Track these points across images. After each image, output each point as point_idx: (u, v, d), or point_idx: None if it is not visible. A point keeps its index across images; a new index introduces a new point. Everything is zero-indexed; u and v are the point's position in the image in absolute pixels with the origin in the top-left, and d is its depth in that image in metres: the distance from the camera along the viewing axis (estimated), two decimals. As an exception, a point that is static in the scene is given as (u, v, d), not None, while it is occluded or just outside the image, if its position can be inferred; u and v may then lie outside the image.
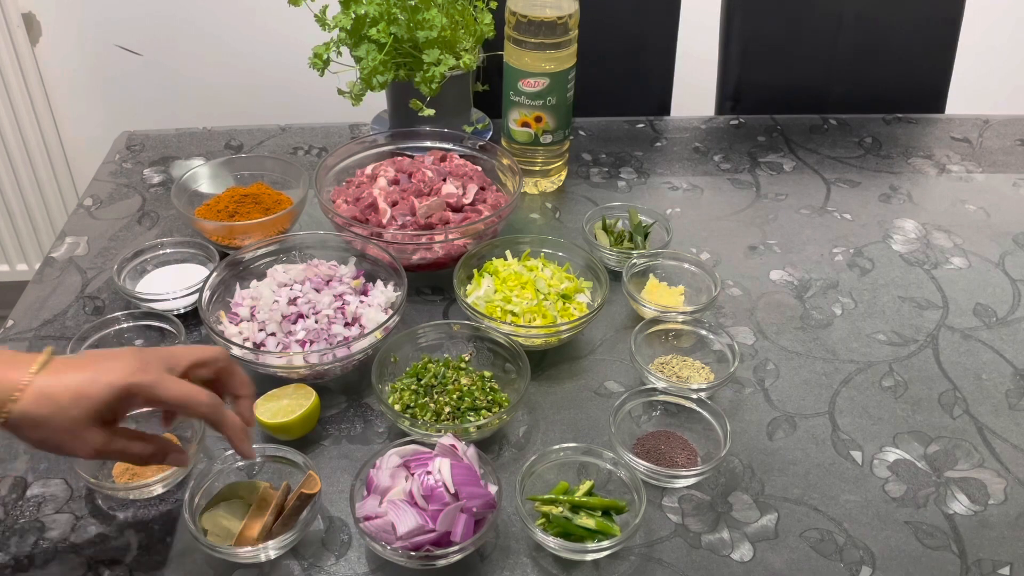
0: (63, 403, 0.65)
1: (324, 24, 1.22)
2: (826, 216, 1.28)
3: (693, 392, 0.93)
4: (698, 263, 1.10)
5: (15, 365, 0.65)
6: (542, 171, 1.29)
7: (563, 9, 1.15)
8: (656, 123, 1.49)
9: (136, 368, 0.67)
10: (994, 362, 1.04)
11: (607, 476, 0.86)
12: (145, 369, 0.67)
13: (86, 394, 0.65)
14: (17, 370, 0.65)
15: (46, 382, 0.65)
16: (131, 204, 1.26)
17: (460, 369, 0.95)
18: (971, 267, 1.19)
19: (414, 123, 1.26)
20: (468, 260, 1.06)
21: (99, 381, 0.66)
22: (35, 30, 1.93)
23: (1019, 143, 1.48)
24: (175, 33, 1.94)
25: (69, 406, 0.65)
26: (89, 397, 0.65)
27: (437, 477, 0.77)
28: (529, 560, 0.80)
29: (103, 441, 0.68)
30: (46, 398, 0.64)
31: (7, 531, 0.82)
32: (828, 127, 1.50)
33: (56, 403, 0.65)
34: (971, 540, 0.84)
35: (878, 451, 0.93)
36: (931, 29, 1.58)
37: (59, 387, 0.65)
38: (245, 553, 0.77)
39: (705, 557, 0.81)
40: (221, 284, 1.01)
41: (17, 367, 0.65)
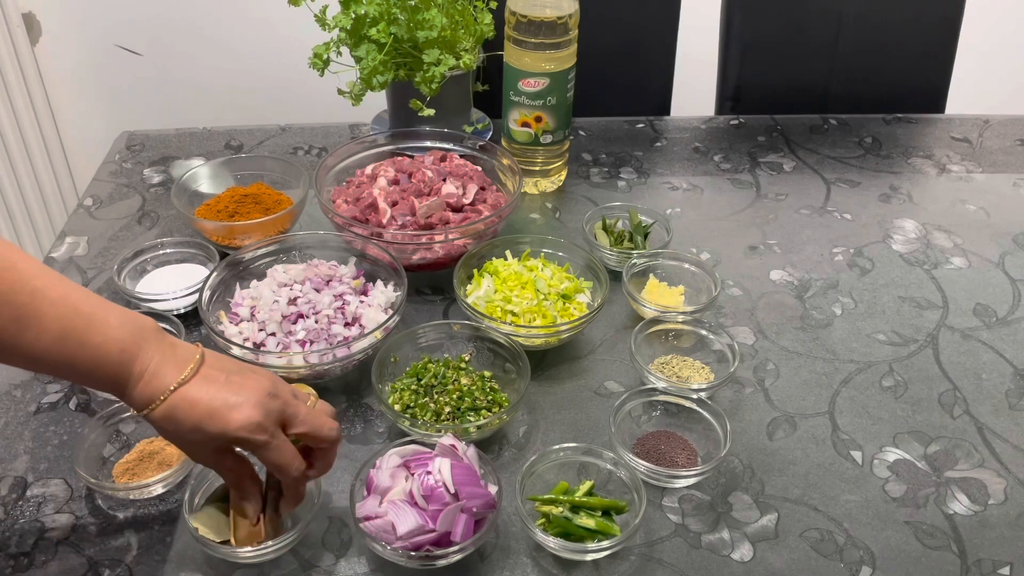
0: (185, 427, 0.70)
1: (324, 24, 1.22)
2: (826, 216, 1.28)
3: (693, 392, 0.93)
4: (698, 263, 1.10)
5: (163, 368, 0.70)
6: (542, 171, 1.29)
7: (563, 9, 1.15)
8: (656, 123, 1.49)
9: (255, 423, 0.70)
10: (994, 362, 1.04)
11: (607, 476, 0.86)
12: (262, 427, 0.71)
13: (203, 428, 0.70)
14: (163, 377, 0.70)
15: (179, 401, 0.70)
16: (131, 204, 1.26)
17: (460, 369, 0.95)
18: (971, 267, 1.19)
19: (414, 123, 1.26)
20: (468, 260, 1.06)
21: (218, 421, 0.70)
22: (35, 30, 1.93)
23: (1019, 143, 1.48)
24: (175, 33, 1.94)
25: (188, 432, 0.70)
26: (205, 432, 0.70)
27: (437, 477, 0.77)
28: (529, 560, 0.80)
29: (213, 460, 0.75)
30: (173, 419, 0.70)
31: (7, 531, 0.82)
32: (828, 127, 1.50)
33: (179, 425, 0.70)
34: (971, 540, 0.84)
35: (878, 451, 0.93)
36: (931, 29, 1.58)
37: (186, 411, 0.70)
38: (245, 553, 0.77)
39: (705, 557, 0.81)
40: (221, 284, 1.01)
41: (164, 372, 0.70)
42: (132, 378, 0.69)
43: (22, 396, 0.95)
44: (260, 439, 0.71)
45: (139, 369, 0.69)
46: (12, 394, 0.95)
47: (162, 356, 0.70)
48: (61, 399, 0.95)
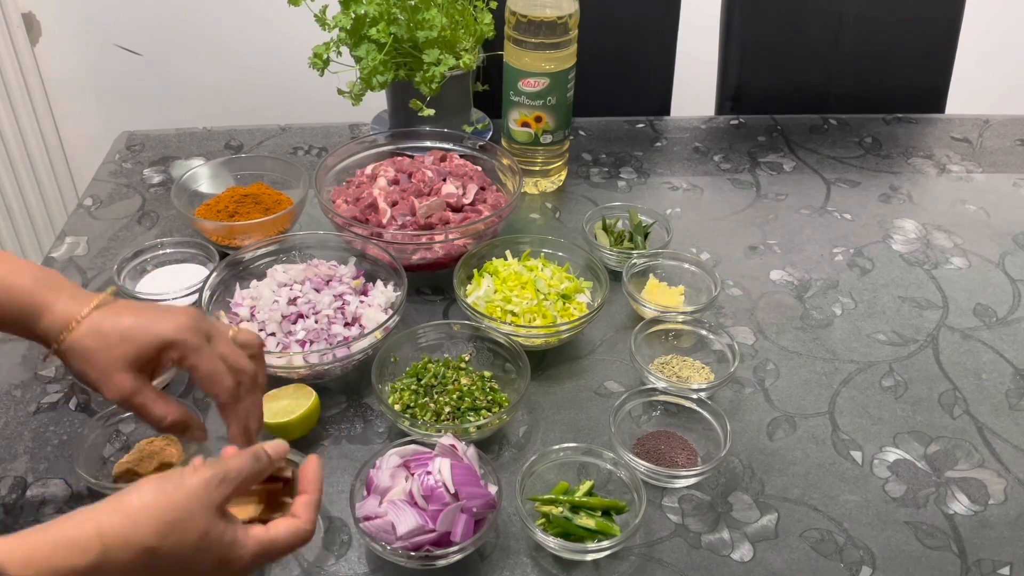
0: (111, 342, 0.69)
1: (324, 24, 1.22)
2: (826, 216, 1.28)
3: (693, 392, 0.93)
4: (698, 263, 1.10)
5: (79, 299, 0.70)
6: (542, 171, 1.29)
7: (563, 9, 1.15)
8: (656, 123, 1.49)
9: (185, 326, 0.70)
10: (994, 362, 1.04)
11: (607, 476, 0.86)
12: (194, 331, 0.70)
13: (132, 338, 0.69)
14: (79, 304, 0.70)
15: (101, 319, 0.69)
16: (131, 204, 1.26)
17: (460, 369, 0.95)
18: (971, 267, 1.19)
19: (414, 123, 1.26)
20: (468, 260, 1.06)
21: (148, 329, 0.69)
22: (35, 30, 1.93)
23: (1019, 143, 1.48)
24: (175, 33, 1.94)
25: (113, 345, 0.69)
26: (133, 341, 0.69)
27: (437, 477, 0.77)
28: (529, 560, 0.80)
29: (132, 388, 0.70)
30: (97, 334, 0.69)
31: (7, 531, 0.81)
32: (828, 127, 1.50)
33: (104, 340, 0.69)
34: (971, 540, 0.84)
35: (878, 451, 0.93)
36: (931, 29, 1.58)
37: (111, 326, 0.69)
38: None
39: (705, 557, 0.81)
40: (221, 284, 1.01)
41: (80, 301, 0.70)
42: (47, 305, 0.69)
43: (22, 396, 0.95)
44: (192, 341, 0.70)
45: (53, 297, 0.70)
46: (12, 394, 0.95)
47: (75, 290, 0.71)
48: (61, 399, 0.95)
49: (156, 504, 0.59)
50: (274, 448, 0.68)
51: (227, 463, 0.64)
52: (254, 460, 0.65)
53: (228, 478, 0.63)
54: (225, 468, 0.63)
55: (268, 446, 0.68)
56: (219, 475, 0.62)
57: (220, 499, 0.62)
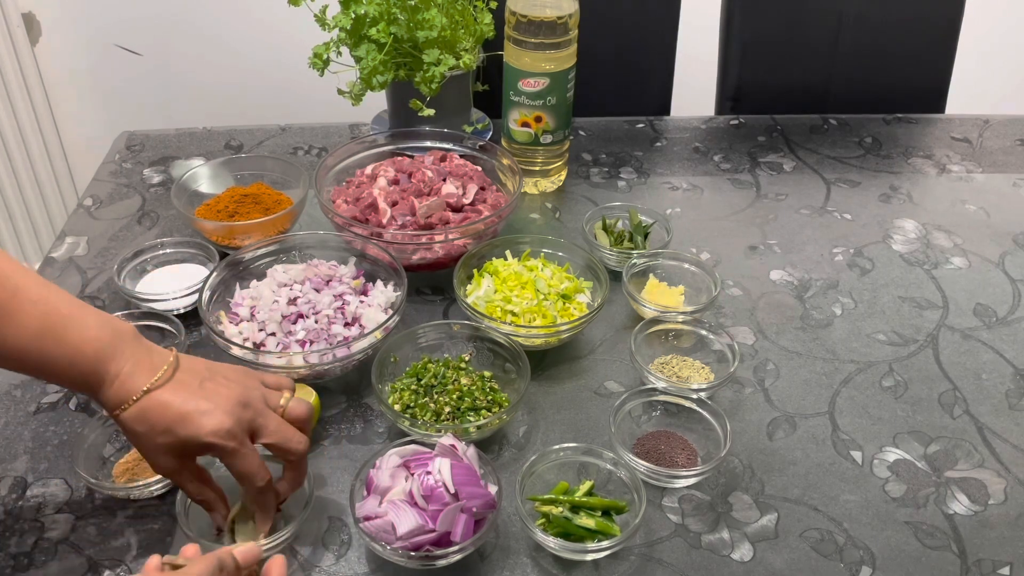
0: (156, 430, 0.71)
1: (324, 24, 1.22)
2: (826, 216, 1.28)
3: (693, 392, 0.93)
4: (698, 263, 1.10)
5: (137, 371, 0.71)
6: (542, 171, 1.29)
7: (563, 9, 1.15)
8: (656, 123, 1.49)
9: (225, 431, 0.71)
10: (994, 362, 1.04)
11: (607, 476, 0.86)
12: (232, 434, 0.72)
13: (173, 431, 0.71)
14: (136, 379, 0.71)
15: (151, 404, 0.71)
16: (131, 204, 1.26)
17: (460, 369, 0.95)
18: (971, 267, 1.19)
19: (414, 123, 1.26)
20: (468, 260, 1.06)
21: (189, 425, 0.71)
22: (35, 30, 1.93)
23: (1019, 143, 1.48)
24: (175, 33, 1.94)
25: (158, 434, 0.71)
26: (173, 434, 0.71)
27: (437, 477, 0.77)
28: (529, 560, 0.80)
29: (172, 469, 0.74)
30: (144, 420, 0.71)
31: (7, 531, 0.82)
32: (828, 127, 1.50)
33: (150, 427, 0.71)
34: (971, 540, 0.84)
35: (878, 451, 0.93)
36: (931, 29, 1.58)
37: (158, 413, 0.71)
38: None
39: (705, 557, 0.81)
40: (221, 284, 1.01)
41: (137, 375, 0.71)
42: (107, 378, 0.70)
43: (22, 396, 0.95)
44: (229, 446, 0.72)
45: (114, 370, 0.70)
46: (12, 394, 0.95)
47: (137, 359, 0.71)
48: (61, 399, 0.95)
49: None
50: (243, 554, 0.68)
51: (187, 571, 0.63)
52: (216, 569, 0.64)
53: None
54: None
55: (238, 552, 0.67)
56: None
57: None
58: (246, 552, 0.68)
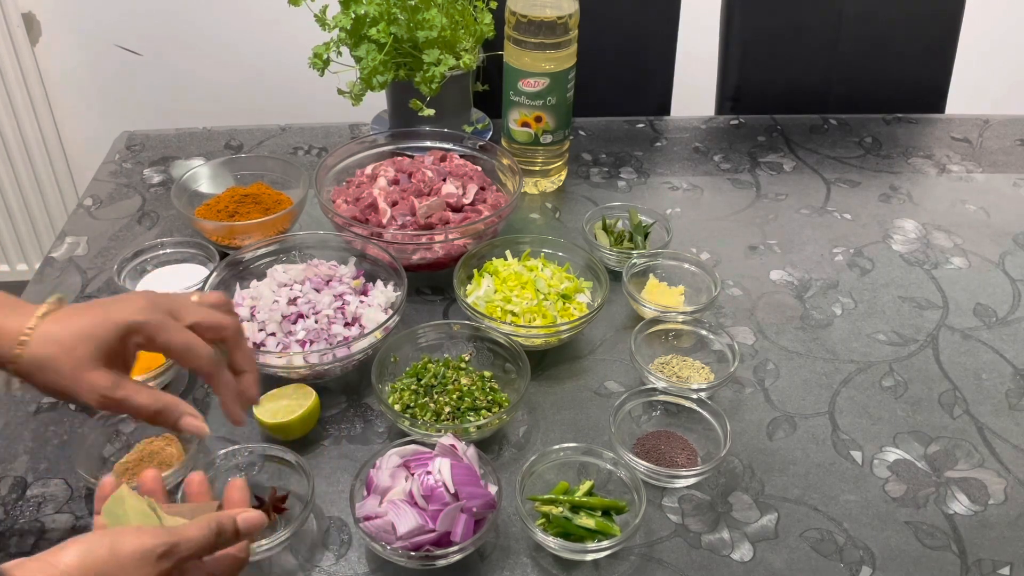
0: (69, 344, 0.64)
1: (324, 24, 1.22)
2: (826, 216, 1.28)
3: (693, 392, 0.93)
4: (698, 263, 1.10)
5: (21, 312, 0.66)
6: (542, 171, 1.29)
7: (563, 9, 1.15)
8: (656, 123, 1.49)
9: (143, 307, 0.66)
10: (994, 362, 1.04)
11: (607, 476, 0.86)
12: (153, 310, 0.66)
13: (91, 333, 0.65)
14: (24, 316, 0.65)
15: (52, 325, 0.65)
16: (131, 204, 1.26)
17: (460, 369, 0.95)
18: (971, 267, 1.19)
19: (414, 123, 1.26)
20: (468, 260, 1.06)
21: (106, 320, 0.65)
22: (35, 30, 1.93)
23: (1019, 143, 1.48)
24: (175, 33, 1.94)
25: (75, 345, 0.64)
26: (94, 336, 0.65)
27: (437, 477, 0.77)
28: (529, 560, 0.80)
29: (109, 384, 0.65)
30: (52, 340, 0.64)
31: (7, 531, 0.82)
32: (828, 127, 1.50)
33: (62, 344, 0.64)
34: (971, 540, 0.84)
35: (878, 451, 0.93)
36: (931, 29, 1.58)
37: (64, 329, 0.65)
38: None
39: (705, 557, 0.81)
40: (221, 284, 1.01)
41: (24, 314, 0.66)
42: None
43: (22, 396, 0.95)
44: (155, 318, 0.66)
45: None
46: (12, 394, 0.95)
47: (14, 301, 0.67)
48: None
49: (81, 569, 0.53)
50: (247, 521, 0.62)
51: (180, 532, 0.58)
52: (215, 535, 0.59)
53: (175, 551, 0.56)
54: (176, 539, 0.57)
55: (242, 519, 0.62)
56: (164, 546, 0.56)
57: (158, 574, 0.55)
58: (249, 520, 0.62)
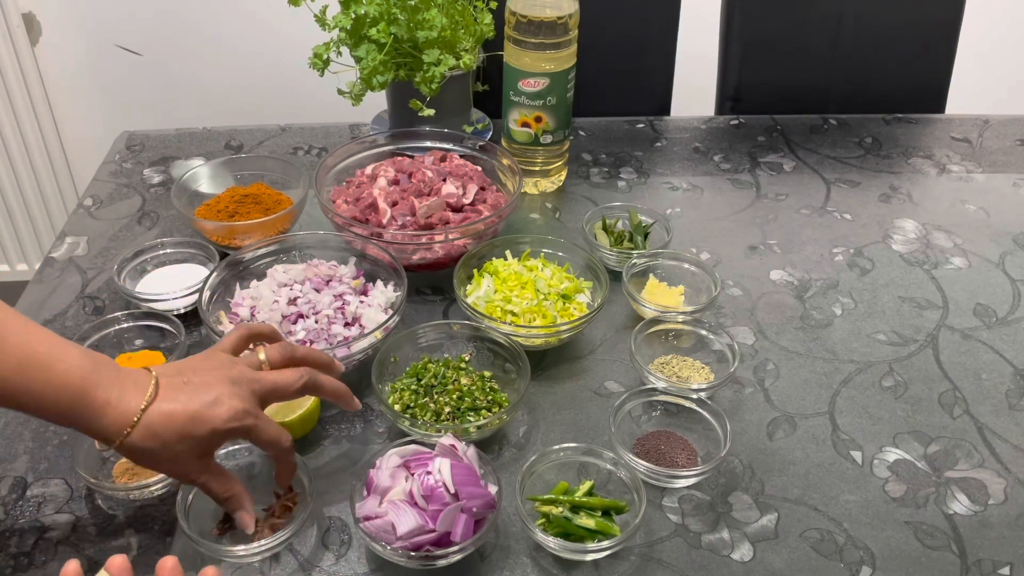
0: (168, 440, 0.70)
1: (324, 24, 1.22)
2: (826, 216, 1.28)
3: (693, 392, 0.93)
4: (698, 263, 1.10)
5: (126, 394, 0.70)
6: (542, 171, 1.29)
7: (563, 9, 1.15)
8: (656, 123, 1.49)
9: (239, 411, 0.72)
10: (994, 362, 1.04)
11: (607, 476, 0.86)
12: (246, 412, 0.73)
13: (190, 434, 0.71)
14: (128, 402, 0.70)
15: (154, 418, 0.70)
16: (131, 204, 1.26)
17: (460, 369, 0.95)
18: (971, 267, 1.19)
19: (414, 123, 1.26)
20: (468, 260, 1.06)
21: (204, 423, 0.71)
22: (35, 30, 1.93)
23: (1019, 143, 1.48)
24: (175, 33, 1.94)
25: (174, 443, 0.71)
26: (192, 437, 0.71)
27: (437, 477, 0.77)
28: (529, 560, 0.80)
29: (197, 471, 0.74)
30: (154, 436, 0.70)
31: (7, 531, 0.82)
32: (828, 127, 1.50)
33: (162, 441, 0.70)
34: (971, 540, 0.84)
35: (878, 451, 0.93)
36: (931, 29, 1.58)
37: (165, 425, 0.70)
38: (240, 551, 0.77)
39: (705, 557, 0.81)
40: (221, 284, 1.01)
41: (128, 397, 0.70)
42: (96, 406, 0.69)
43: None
44: (249, 422, 0.73)
45: (103, 397, 0.69)
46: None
47: (122, 384, 0.71)
48: (61, 399, 0.95)
49: None
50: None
51: None
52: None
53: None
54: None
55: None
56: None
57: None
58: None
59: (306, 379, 0.78)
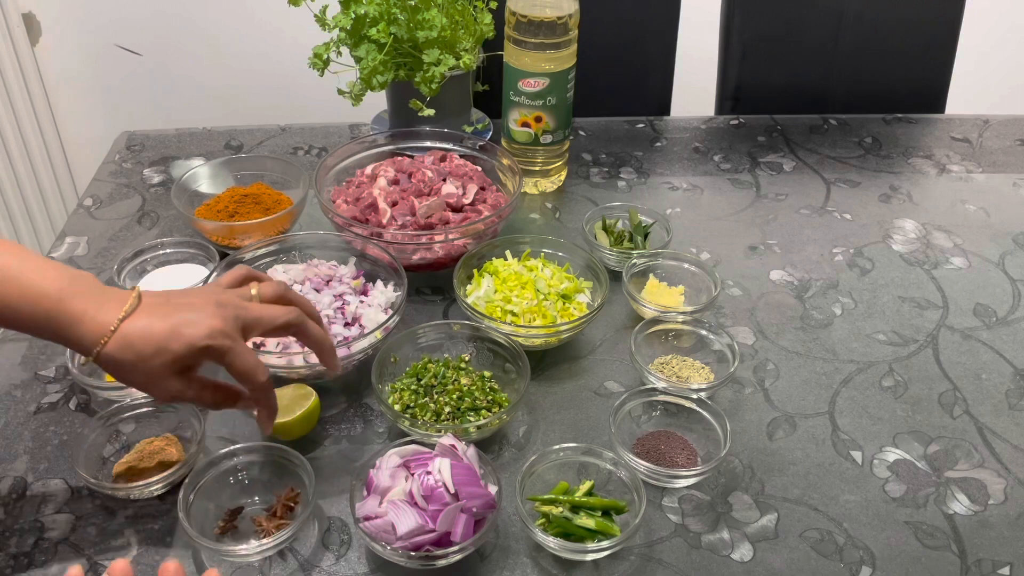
0: (145, 353, 0.69)
1: (324, 24, 1.22)
2: (826, 216, 1.28)
3: (693, 392, 0.93)
4: (698, 263, 1.10)
5: (105, 306, 0.70)
6: (542, 171, 1.29)
7: (563, 9, 1.15)
8: (656, 123, 1.49)
9: (217, 330, 0.71)
10: (994, 362, 1.04)
11: (607, 476, 0.86)
12: (224, 332, 0.71)
13: (166, 348, 0.69)
14: (107, 312, 0.69)
15: (131, 329, 0.69)
16: (131, 204, 1.26)
17: (460, 369, 0.95)
18: (971, 267, 1.19)
19: (414, 123, 1.26)
20: (468, 260, 1.06)
21: (180, 337, 0.69)
22: (35, 30, 1.93)
23: (1019, 143, 1.48)
24: (175, 33, 1.94)
25: (150, 356, 0.69)
26: (169, 351, 0.69)
27: (437, 477, 0.77)
28: (529, 560, 0.80)
29: (180, 388, 0.72)
30: (130, 347, 0.69)
31: (7, 531, 0.82)
32: (828, 127, 1.50)
33: (138, 353, 0.69)
34: (971, 540, 0.84)
35: (878, 451, 0.93)
36: (931, 29, 1.58)
37: (142, 337, 0.69)
38: (241, 551, 0.77)
39: (705, 557, 0.81)
40: (221, 284, 1.01)
41: (107, 309, 0.69)
42: (74, 316, 0.69)
43: (22, 396, 0.95)
44: (226, 344, 0.71)
45: (80, 307, 0.69)
46: (12, 394, 0.95)
47: (102, 294, 0.71)
48: (61, 399, 0.95)
49: None
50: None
51: None
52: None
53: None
54: None
55: None
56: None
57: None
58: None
59: (292, 317, 0.76)
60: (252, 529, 0.81)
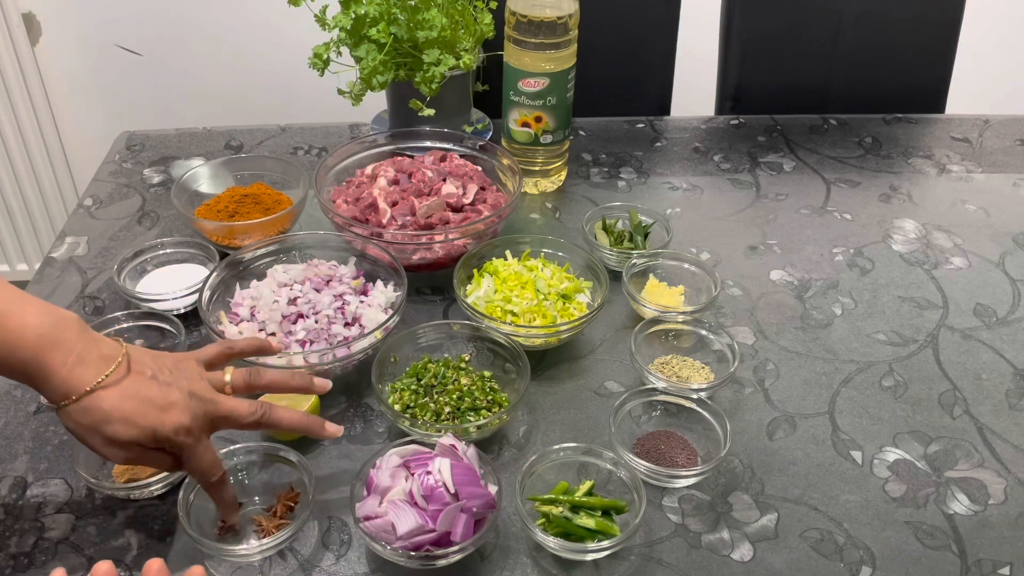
0: (104, 427, 0.69)
1: (324, 24, 1.22)
2: (826, 216, 1.28)
3: (693, 392, 0.93)
4: (698, 263, 1.10)
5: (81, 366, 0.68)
6: (542, 171, 1.29)
7: (563, 9, 1.15)
8: (656, 123, 1.49)
9: (183, 427, 0.71)
10: (994, 362, 1.04)
11: (607, 476, 0.86)
12: (189, 430, 0.72)
13: (129, 428, 0.69)
14: (81, 374, 0.68)
15: (99, 402, 0.69)
16: (131, 204, 1.26)
17: (460, 369, 0.95)
18: (971, 267, 1.19)
19: (414, 123, 1.26)
20: (468, 260, 1.06)
21: (145, 425, 0.70)
22: (35, 30, 1.93)
23: (1019, 143, 1.48)
24: (175, 33, 1.94)
25: (110, 430, 0.69)
26: (130, 431, 0.69)
27: (437, 477, 0.77)
28: (529, 560, 0.80)
29: (134, 456, 0.72)
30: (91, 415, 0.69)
31: (7, 531, 0.82)
32: (828, 127, 1.50)
33: (97, 423, 0.69)
34: (971, 540, 0.84)
35: (878, 451, 0.93)
36: (931, 29, 1.58)
37: (107, 412, 0.69)
38: (241, 551, 0.77)
39: (705, 557, 0.81)
40: (221, 284, 1.01)
41: (82, 369, 0.68)
42: (51, 367, 0.68)
43: (22, 396, 0.95)
44: (188, 442, 0.72)
45: (60, 358, 0.68)
46: (12, 394, 0.95)
47: (85, 348, 0.69)
48: (61, 399, 0.95)
49: None
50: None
51: None
52: None
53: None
54: None
55: None
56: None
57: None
58: None
59: (260, 414, 0.76)
60: (252, 529, 0.81)
